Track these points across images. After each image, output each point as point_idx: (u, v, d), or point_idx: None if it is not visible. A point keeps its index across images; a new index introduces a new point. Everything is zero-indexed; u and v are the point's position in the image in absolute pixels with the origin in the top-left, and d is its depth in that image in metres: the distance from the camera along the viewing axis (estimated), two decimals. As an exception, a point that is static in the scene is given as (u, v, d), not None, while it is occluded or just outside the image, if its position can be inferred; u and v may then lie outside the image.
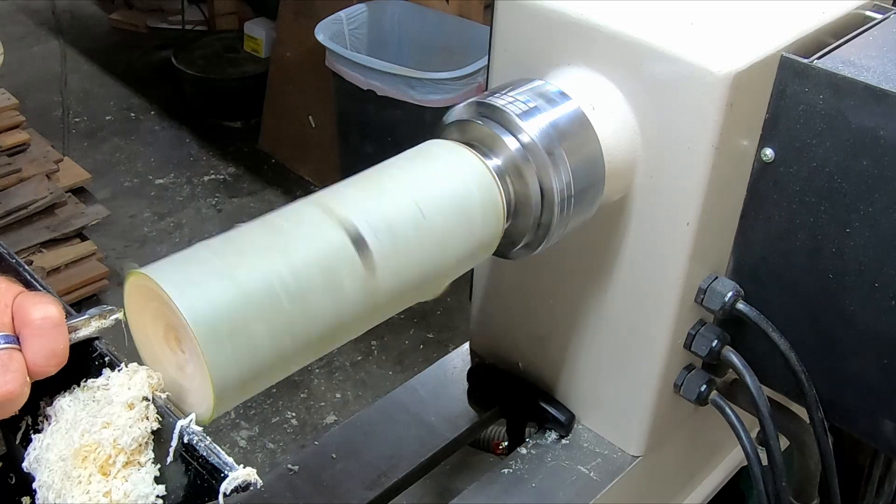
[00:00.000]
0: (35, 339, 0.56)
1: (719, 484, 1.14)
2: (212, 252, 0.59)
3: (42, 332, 0.56)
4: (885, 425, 0.80)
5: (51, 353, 0.56)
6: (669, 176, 0.76)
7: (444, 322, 2.62)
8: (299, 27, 2.96)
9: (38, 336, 0.56)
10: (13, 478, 0.62)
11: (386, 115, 2.58)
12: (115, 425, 0.56)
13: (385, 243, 0.63)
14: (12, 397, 0.55)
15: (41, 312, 0.56)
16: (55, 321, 0.56)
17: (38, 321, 0.56)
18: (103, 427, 0.56)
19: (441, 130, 0.76)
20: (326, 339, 0.63)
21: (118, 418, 0.56)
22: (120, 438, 0.56)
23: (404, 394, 1.02)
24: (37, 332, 0.56)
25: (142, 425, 0.57)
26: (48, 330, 0.56)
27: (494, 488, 0.90)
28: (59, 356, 0.57)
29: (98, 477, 0.56)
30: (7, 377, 0.54)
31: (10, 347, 0.55)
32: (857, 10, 0.82)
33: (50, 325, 0.56)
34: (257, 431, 2.30)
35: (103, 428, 0.56)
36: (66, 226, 2.55)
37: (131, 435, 0.56)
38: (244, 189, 3.16)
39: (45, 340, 0.56)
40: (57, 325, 0.56)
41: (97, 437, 0.56)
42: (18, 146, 2.59)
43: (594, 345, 0.90)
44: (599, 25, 0.76)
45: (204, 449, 0.55)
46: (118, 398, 0.57)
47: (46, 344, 0.56)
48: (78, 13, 4.21)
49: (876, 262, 0.74)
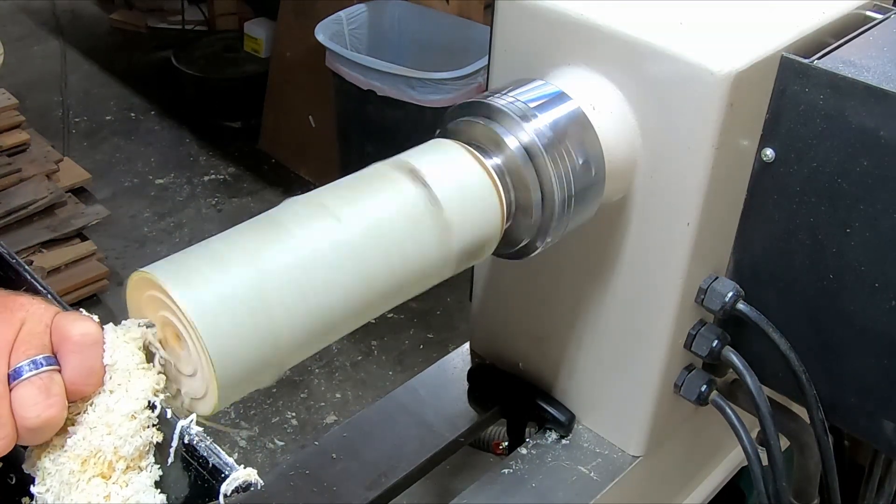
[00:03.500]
0: (74, 355, 0.55)
1: (719, 484, 1.14)
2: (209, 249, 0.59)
3: (81, 349, 0.55)
4: (885, 425, 0.80)
5: (90, 371, 0.55)
6: (669, 176, 0.76)
7: (444, 322, 2.62)
8: (299, 27, 2.96)
9: (77, 353, 0.55)
10: (13, 478, 0.62)
11: (386, 115, 2.59)
12: (116, 434, 0.56)
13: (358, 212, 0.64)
14: (54, 423, 0.54)
15: (81, 329, 0.55)
16: (94, 338, 0.56)
17: (77, 337, 0.55)
18: (105, 434, 0.56)
19: (441, 130, 0.76)
20: (323, 320, 0.62)
21: (120, 427, 0.56)
22: (122, 448, 0.56)
23: (404, 394, 1.02)
24: (76, 349, 0.55)
25: (144, 434, 0.56)
26: (88, 347, 0.55)
27: (494, 488, 0.90)
28: (98, 374, 0.56)
29: (98, 480, 0.55)
30: (50, 401, 0.53)
31: (51, 369, 0.54)
32: (857, 10, 0.82)
33: (90, 342, 0.55)
34: (257, 431, 2.30)
35: (105, 435, 0.56)
36: (66, 226, 2.55)
37: (133, 445, 0.56)
38: (244, 189, 3.17)
39: (84, 357, 0.55)
40: (96, 342, 0.56)
41: (98, 443, 0.56)
42: (18, 146, 2.59)
43: (594, 345, 0.90)
44: (599, 25, 0.76)
45: (204, 449, 0.55)
46: (120, 408, 0.56)
47: (85, 361, 0.55)
48: (78, 13, 4.21)
49: (876, 262, 0.74)
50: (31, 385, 0.53)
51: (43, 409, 0.53)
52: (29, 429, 0.53)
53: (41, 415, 0.53)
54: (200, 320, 0.55)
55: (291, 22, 3.06)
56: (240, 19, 3.74)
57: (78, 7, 4.25)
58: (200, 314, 0.55)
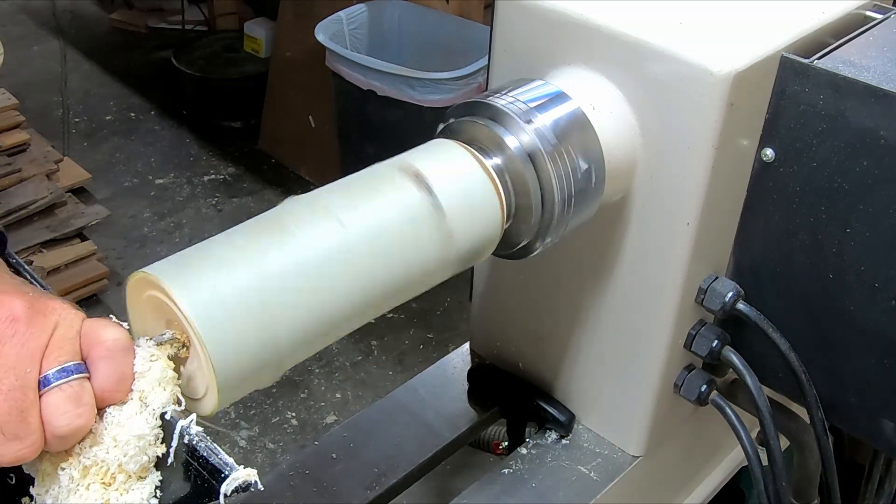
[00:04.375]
0: (105, 361, 0.55)
1: (719, 484, 1.14)
2: (210, 250, 0.59)
3: (112, 355, 0.55)
4: (885, 425, 0.80)
5: (120, 378, 0.55)
6: (669, 176, 0.76)
7: (444, 322, 2.62)
8: (299, 27, 2.96)
9: (109, 359, 0.55)
10: (13, 478, 0.62)
11: (386, 115, 2.59)
12: (122, 450, 0.55)
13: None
14: (82, 432, 0.54)
15: (113, 335, 0.55)
16: (125, 344, 0.56)
17: (109, 342, 0.55)
18: (112, 447, 0.55)
19: (441, 130, 0.76)
20: (322, 319, 0.62)
21: (126, 445, 0.55)
22: (126, 465, 0.55)
23: (404, 394, 1.02)
24: (107, 355, 0.55)
25: (150, 451, 0.56)
26: (119, 353, 0.55)
27: (494, 488, 0.90)
28: (128, 381, 0.55)
29: (97, 486, 0.55)
30: (79, 410, 0.53)
31: (81, 377, 0.54)
32: (857, 10, 0.82)
33: (121, 348, 0.55)
34: (257, 431, 2.30)
35: (112, 447, 0.55)
36: (66, 226, 2.55)
37: (139, 462, 0.56)
38: (244, 189, 3.17)
39: (115, 365, 0.55)
40: (126, 348, 0.56)
41: (103, 456, 0.55)
42: (18, 146, 2.59)
43: (594, 345, 0.90)
44: (599, 25, 0.76)
45: (204, 449, 0.55)
46: (131, 426, 0.55)
47: (115, 369, 0.55)
48: (78, 13, 4.21)
49: (876, 262, 0.74)
50: (61, 393, 0.53)
51: (73, 418, 0.53)
52: (58, 437, 0.53)
53: (71, 423, 0.53)
54: (201, 322, 0.55)
55: (291, 22, 3.06)
56: (240, 19, 3.74)
57: (78, 7, 4.25)
58: (201, 316, 0.55)
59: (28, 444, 0.52)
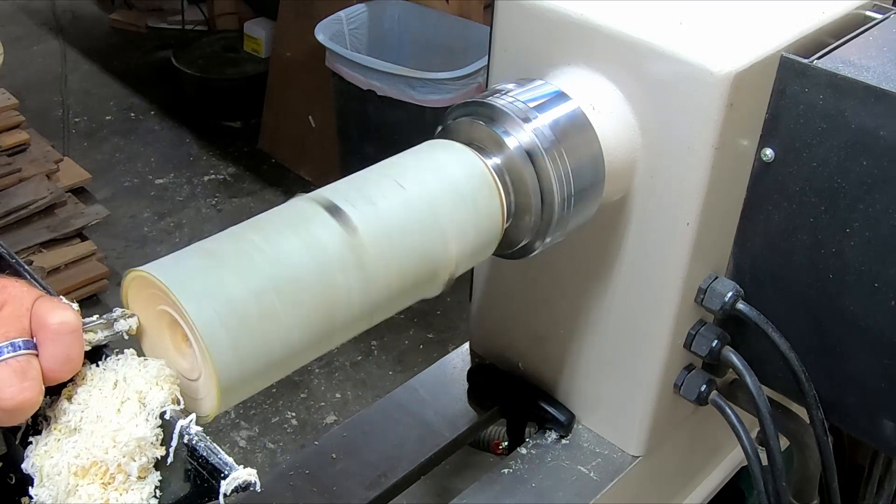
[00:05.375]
0: (51, 343, 0.55)
1: (719, 484, 1.14)
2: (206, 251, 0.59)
3: (58, 338, 0.55)
4: (885, 425, 0.80)
5: (66, 359, 0.56)
6: (669, 176, 0.76)
7: (444, 322, 2.62)
8: (299, 27, 2.96)
9: (55, 341, 0.55)
10: (13, 478, 0.62)
11: (386, 115, 2.58)
12: (122, 451, 0.55)
13: (361, 208, 0.64)
14: (29, 405, 0.54)
15: (59, 317, 0.55)
16: (72, 326, 0.56)
17: (55, 325, 0.55)
18: (111, 447, 0.55)
19: (441, 130, 0.76)
20: (327, 318, 0.63)
21: (126, 447, 0.55)
22: (126, 466, 0.55)
23: (404, 394, 1.02)
24: (53, 337, 0.55)
25: (150, 453, 0.56)
26: (64, 335, 0.55)
27: (494, 488, 0.90)
28: (74, 362, 0.56)
29: (97, 486, 0.55)
30: (25, 384, 0.54)
31: (28, 353, 0.54)
32: (857, 10, 0.82)
33: (67, 331, 0.55)
34: (257, 431, 2.30)
35: (111, 448, 0.55)
36: (66, 226, 2.55)
37: (139, 464, 0.56)
38: (244, 189, 3.16)
39: (62, 346, 0.55)
40: (73, 330, 0.56)
41: (102, 456, 0.55)
42: (18, 146, 2.59)
43: (594, 345, 0.90)
44: (599, 25, 0.76)
45: (204, 449, 0.54)
46: (130, 429, 0.55)
47: (62, 349, 0.55)
48: (78, 13, 4.21)
49: (876, 262, 0.74)
50: (7, 367, 0.53)
51: (17, 392, 0.53)
52: (4, 410, 0.54)
53: (15, 397, 0.53)
54: (203, 324, 0.55)
55: (291, 22, 3.06)
56: (240, 19, 3.73)
57: (78, 7, 4.25)
58: (204, 319, 0.55)
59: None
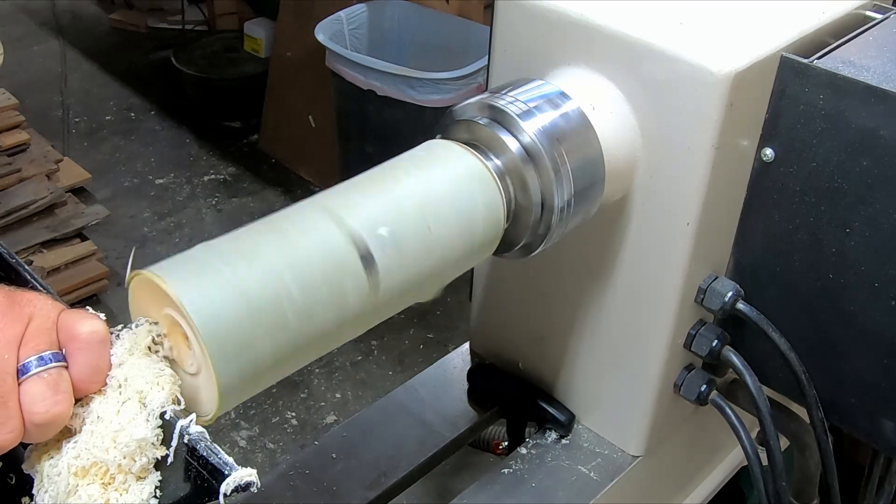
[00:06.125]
0: (82, 353, 0.55)
1: (719, 484, 1.14)
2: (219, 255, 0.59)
3: (89, 347, 0.55)
4: (885, 425, 0.80)
5: (96, 369, 0.55)
6: (669, 176, 0.76)
7: (444, 322, 2.62)
8: (299, 27, 2.96)
9: (85, 351, 0.55)
10: (13, 478, 0.62)
11: (386, 115, 2.58)
12: (122, 452, 0.55)
13: (392, 259, 0.63)
14: (61, 419, 0.54)
15: (89, 327, 0.55)
16: (101, 336, 0.56)
17: (85, 335, 0.55)
18: (111, 447, 0.55)
19: (440, 130, 0.75)
20: (326, 343, 0.63)
21: (126, 448, 0.55)
22: (126, 466, 0.55)
23: (404, 394, 1.02)
24: (83, 347, 0.55)
25: (150, 453, 0.56)
26: (94, 345, 0.55)
27: (494, 488, 0.90)
28: (104, 373, 0.56)
29: (97, 486, 0.55)
30: (58, 397, 0.53)
31: (59, 366, 0.54)
32: (857, 10, 0.82)
33: (97, 340, 0.55)
34: (257, 431, 2.30)
35: (111, 448, 0.55)
36: (66, 226, 2.55)
37: (140, 464, 0.56)
38: (244, 189, 3.16)
39: (92, 356, 0.55)
40: (103, 339, 0.56)
41: (103, 457, 0.55)
42: (18, 146, 2.59)
43: (594, 345, 0.90)
44: (599, 25, 0.76)
45: (204, 449, 0.54)
46: (131, 429, 0.55)
47: (93, 359, 0.55)
48: (78, 13, 4.21)
49: (876, 262, 0.74)
50: (39, 380, 0.53)
51: (51, 405, 0.53)
52: (36, 424, 0.53)
53: (49, 410, 0.53)
54: (203, 325, 0.55)
55: (291, 22, 3.06)
56: (240, 19, 3.73)
57: (78, 7, 4.25)
58: (205, 320, 0.55)
59: (8, 430, 0.52)
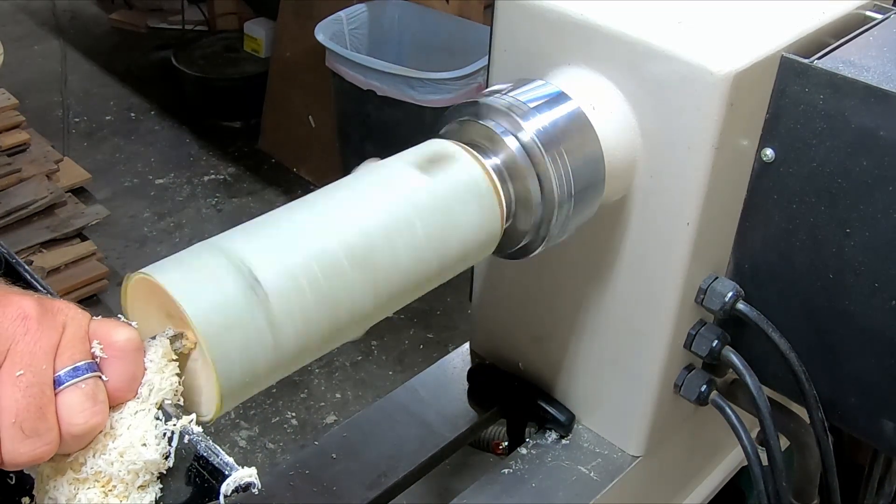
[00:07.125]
0: (119, 362, 0.54)
1: (719, 484, 1.14)
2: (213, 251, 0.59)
3: (125, 356, 0.54)
4: (885, 425, 0.80)
5: (132, 378, 0.55)
6: (669, 176, 0.76)
7: (444, 322, 2.62)
8: (299, 27, 2.96)
9: (122, 359, 0.54)
10: (13, 478, 0.62)
11: (386, 115, 2.58)
12: (128, 469, 0.55)
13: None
14: (97, 430, 0.54)
15: (124, 335, 0.55)
16: (137, 344, 0.55)
17: (121, 343, 0.54)
18: (117, 459, 0.54)
19: (440, 130, 0.75)
20: (324, 345, 0.63)
21: (134, 465, 0.55)
22: (132, 481, 0.55)
23: (404, 394, 1.02)
24: (120, 356, 0.54)
25: (155, 470, 0.56)
26: (130, 353, 0.55)
27: (494, 488, 0.90)
28: (139, 381, 0.55)
29: (96, 491, 0.55)
30: (96, 408, 0.53)
31: (95, 376, 0.53)
32: (857, 10, 0.82)
33: (133, 348, 0.55)
34: (257, 431, 2.30)
35: (117, 460, 0.54)
36: (66, 226, 2.55)
37: (144, 479, 0.55)
38: (244, 189, 3.16)
39: (129, 364, 0.55)
40: (138, 347, 0.55)
41: (108, 469, 0.55)
42: (18, 146, 2.59)
43: (594, 345, 0.90)
44: (599, 25, 0.76)
45: (204, 449, 0.55)
46: (140, 451, 0.55)
47: (129, 368, 0.55)
48: (78, 13, 4.21)
49: (876, 262, 0.74)
50: (77, 391, 0.52)
51: (90, 416, 0.53)
52: (74, 435, 0.53)
53: (88, 421, 0.53)
54: (204, 326, 0.55)
55: (291, 22, 3.06)
56: (240, 19, 3.73)
57: (78, 7, 4.25)
58: (205, 320, 0.55)
59: (46, 442, 0.52)
